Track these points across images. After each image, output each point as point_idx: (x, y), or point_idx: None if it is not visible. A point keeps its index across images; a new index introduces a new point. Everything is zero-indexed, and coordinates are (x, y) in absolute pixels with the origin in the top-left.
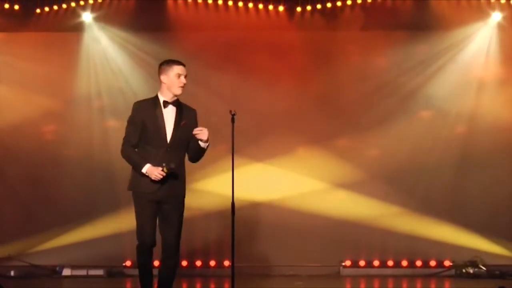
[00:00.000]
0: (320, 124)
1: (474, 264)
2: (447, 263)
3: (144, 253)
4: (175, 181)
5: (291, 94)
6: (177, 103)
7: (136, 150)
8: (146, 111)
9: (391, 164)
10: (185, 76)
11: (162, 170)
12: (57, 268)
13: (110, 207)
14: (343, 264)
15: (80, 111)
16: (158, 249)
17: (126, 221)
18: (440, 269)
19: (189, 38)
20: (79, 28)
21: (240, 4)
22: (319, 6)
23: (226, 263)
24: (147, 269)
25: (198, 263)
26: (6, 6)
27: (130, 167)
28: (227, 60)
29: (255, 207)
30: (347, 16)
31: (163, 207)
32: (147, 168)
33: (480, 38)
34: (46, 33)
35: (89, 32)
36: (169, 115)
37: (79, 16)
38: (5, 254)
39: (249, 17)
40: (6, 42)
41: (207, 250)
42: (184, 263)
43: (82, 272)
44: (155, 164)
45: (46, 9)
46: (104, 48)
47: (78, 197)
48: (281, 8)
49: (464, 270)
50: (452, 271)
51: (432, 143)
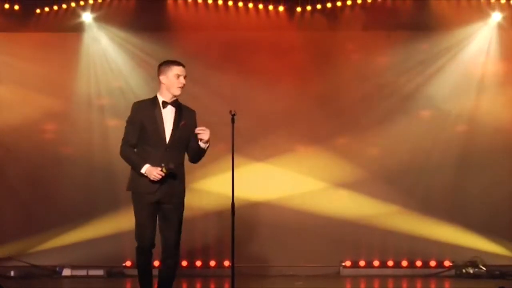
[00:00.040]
0: (320, 124)
1: (474, 264)
2: (447, 263)
3: (143, 254)
4: (174, 181)
5: (291, 94)
6: (176, 104)
7: (135, 150)
8: (145, 112)
9: (391, 164)
10: (185, 77)
11: (161, 170)
12: (57, 268)
13: (110, 207)
14: (343, 264)
15: (80, 111)
16: (158, 249)
17: (126, 221)
18: (440, 269)
19: (189, 38)
20: (79, 28)
21: (240, 4)
22: (319, 6)
23: (226, 263)
24: (146, 270)
25: (198, 263)
26: (6, 6)
27: (130, 167)
28: (227, 60)
29: (255, 207)
30: (347, 16)
31: (163, 207)
32: (146, 169)
33: (480, 38)
34: (46, 33)
35: (89, 32)
36: (168, 115)
37: (79, 16)
38: (5, 254)
39: (249, 17)
40: (6, 42)
41: (207, 250)
42: (184, 263)
43: (82, 272)
44: (154, 164)
45: (46, 9)
46: (104, 48)
47: (78, 197)
48: (281, 8)
49: (464, 270)
50: (452, 271)
51: (432, 143)
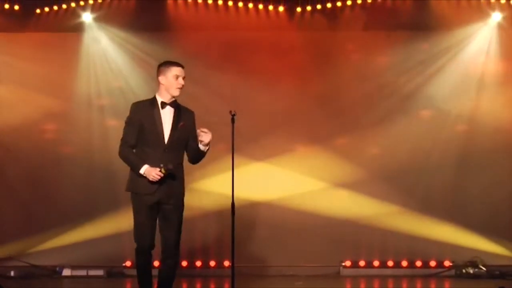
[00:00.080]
0: (320, 124)
1: (474, 264)
2: (447, 263)
3: (142, 255)
4: (173, 181)
5: (291, 94)
6: (175, 104)
7: (134, 151)
8: (143, 112)
9: (391, 164)
10: (184, 78)
11: (160, 171)
12: (57, 268)
13: (110, 207)
14: (343, 264)
15: (80, 111)
16: (158, 249)
17: (126, 221)
18: (440, 269)
19: (189, 38)
20: (79, 28)
21: (240, 4)
22: (319, 6)
23: (226, 263)
24: (146, 271)
25: (198, 263)
26: (6, 6)
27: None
28: (227, 60)
29: (255, 207)
30: (347, 16)
31: (163, 208)
32: (145, 169)
33: (480, 38)
34: (46, 33)
35: (89, 32)
36: (167, 116)
37: (79, 16)
38: (5, 254)
39: (249, 17)
40: (6, 42)
41: (207, 250)
42: (184, 263)
43: (82, 272)
44: (153, 165)
45: (46, 9)
46: (104, 48)
47: (78, 197)
48: (281, 8)
49: (464, 270)
50: (452, 271)
51: (432, 143)
